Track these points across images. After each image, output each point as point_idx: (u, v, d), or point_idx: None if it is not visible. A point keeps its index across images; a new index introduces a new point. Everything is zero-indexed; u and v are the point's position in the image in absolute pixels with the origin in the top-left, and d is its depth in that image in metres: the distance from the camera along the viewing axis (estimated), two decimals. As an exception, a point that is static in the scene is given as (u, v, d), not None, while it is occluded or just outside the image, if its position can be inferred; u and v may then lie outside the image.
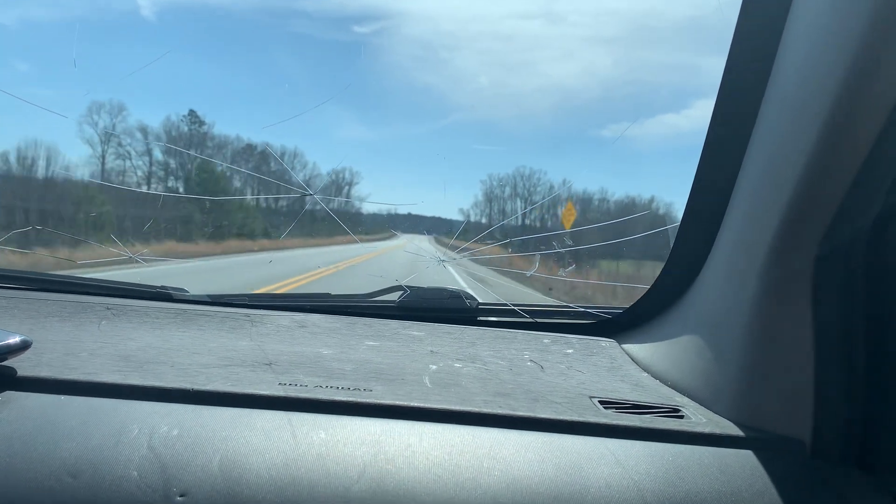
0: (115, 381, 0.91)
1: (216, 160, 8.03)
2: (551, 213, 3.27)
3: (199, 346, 1.13)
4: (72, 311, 1.29)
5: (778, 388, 0.96)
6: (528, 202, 3.42)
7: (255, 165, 5.95)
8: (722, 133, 1.11)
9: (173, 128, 8.03)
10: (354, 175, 4.01)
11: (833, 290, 0.93)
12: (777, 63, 0.96)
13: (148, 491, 0.73)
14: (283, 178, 2.42)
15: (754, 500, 0.82)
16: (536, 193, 5.17)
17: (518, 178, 4.10)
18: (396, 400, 0.92)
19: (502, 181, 3.96)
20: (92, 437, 0.79)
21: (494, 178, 3.97)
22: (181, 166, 8.88)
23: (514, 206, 4.31)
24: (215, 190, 7.62)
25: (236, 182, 7.61)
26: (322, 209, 1.66)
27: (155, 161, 10.05)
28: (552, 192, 4.38)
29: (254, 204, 4.70)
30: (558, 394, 1.04)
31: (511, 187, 4.09)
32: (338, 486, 0.76)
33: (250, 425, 0.83)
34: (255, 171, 5.96)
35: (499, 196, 4.00)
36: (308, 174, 6.80)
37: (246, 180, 6.93)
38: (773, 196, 0.92)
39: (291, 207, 3.78)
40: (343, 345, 1.25)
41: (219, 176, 7.74)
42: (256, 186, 6.54)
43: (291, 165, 3.68)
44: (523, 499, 0.78)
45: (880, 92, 0.77)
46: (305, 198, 1.62)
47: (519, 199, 4.31)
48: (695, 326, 1.16)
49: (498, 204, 3.82)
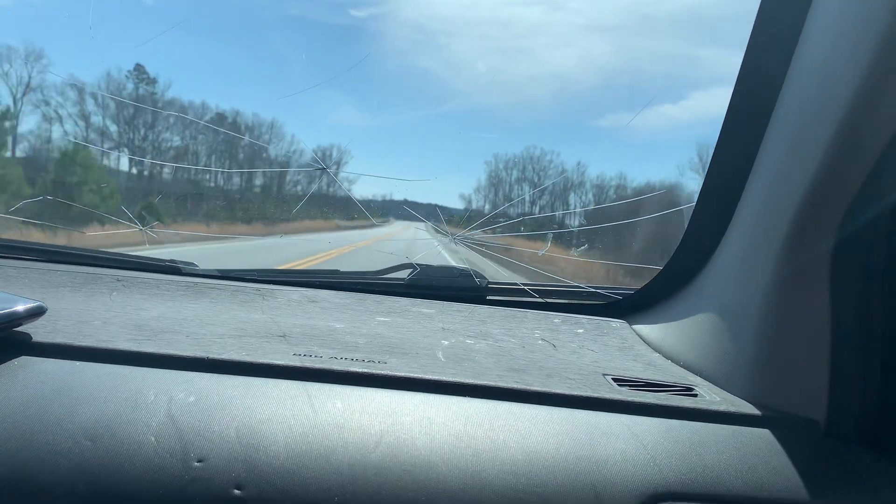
0: (130, 349, 0.90)
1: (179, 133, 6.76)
2: (562, 200, 3.14)
3: (212, 318, 1.13)
4: (82, 282, 1.29)
5: (793, 370, 0.96)
6: (538, 187, 3.22)
7: (225, 138, 5.28)
8: (742, 114, 1.11)
9: (115, 86, 6.23)
10: (344, 153, 3.77)
11: (851, 274, 0.92)
12: (799, 47, 0.95)
13: (166, 456, 0.73)
14: (259, 154, 2.30)
15: (770, 477, 0.82)
16: (547, 177, 4.83)
17: (527, 161, 3.86)
18: (411, 372, 0.92)
19: (509, 163, 3.73)
20: (109, 402, 0.79)
21: (501, 160, 3.75)
22: (130, 131, 7.14)
23: (522, 191, 4.01)
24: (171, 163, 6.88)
25: (202, 157, 6.63)
26: (301, 191, 1.61)
27: (95, 126, 7.61)
28: (564, 176, 4.10)
29: (212, 183, 4.32)
30: (572, 370, 1.04)
31: (519, 170, 3.84)
32: (355, 455, 0.76)
33: (266, 394, 0.83)
34: (227, 149, 5.35)
35: (505, 180, 3.75)
36: (286, 150, 6.05)
37: (213, 153, 6.16)
38: (793, 179, 0.92)
39: (265, 187, 3.49)
40: (354, 320, 1.25)
41: (179, 148, 6.71)
42: (224, 162, 5.87)
43: (268, 139, 3.50)
44: (540, 471, 0.78)
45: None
46: (284, 177, 1.60)
47: (527, 183, 4.06)
48: (708, 308, 1.15)
49: (503, 189, 3.60)
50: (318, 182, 1.66)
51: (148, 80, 2.35)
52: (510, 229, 1.68)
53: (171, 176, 4.16)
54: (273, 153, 3.19)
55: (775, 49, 0.99)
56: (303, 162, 1.69)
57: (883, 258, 0.92)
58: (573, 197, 3.62)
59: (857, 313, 0.93)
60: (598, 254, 1.64)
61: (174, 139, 6.67)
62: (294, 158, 2.89)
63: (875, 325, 0.94)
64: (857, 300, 0.93)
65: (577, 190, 3.70)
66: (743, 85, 1.09)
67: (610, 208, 1.69)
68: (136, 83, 6.19)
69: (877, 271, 0.93)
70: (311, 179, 1.66)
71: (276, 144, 5.44)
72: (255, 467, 0.74)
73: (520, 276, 1.68)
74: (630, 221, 1.51)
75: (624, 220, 1.58)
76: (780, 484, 0.82)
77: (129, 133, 7.00)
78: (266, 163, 2.45)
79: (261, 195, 3.38)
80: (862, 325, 0.94)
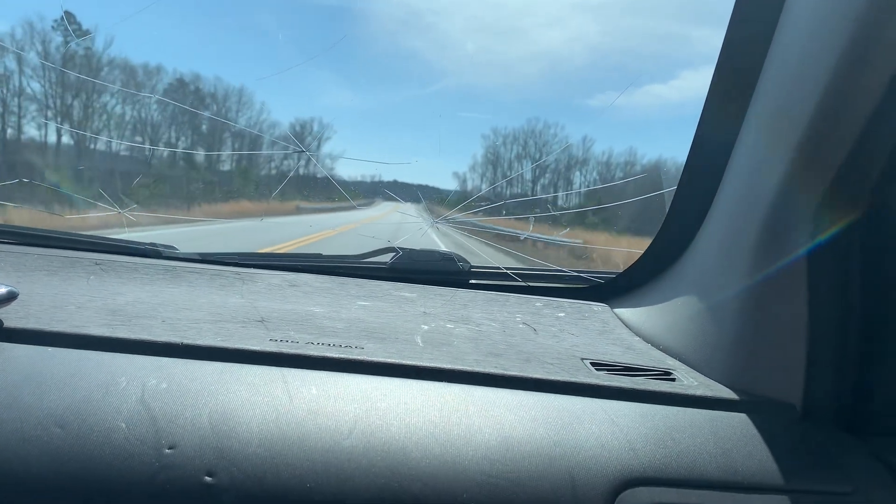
0: (103, 334, 0.89)
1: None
2: (564, 178, 2.97)
3: (189, 302, 1.12)
4: (59, 266, 1.28)
5: (771, 354, 0.96)
6: (540, 164, 2.99)
7: (190, 107, 4.74)
8: (721, 98, 1.10)
9: (39, 39, 5.18)
10: (325, 128, 3.30)
11: (829, 260, 0.92)
12: (778, 31, 0.95)
13: (136, 443, 0.73)
14: (228, 127, 2.15)
15: (745, 461, 0.82)
16: (550, 153, 4.54)
17: (528, 135, 3.57)
18: (388, 357, 0.91)
19: (507, 137, 3.49)
20: (80, 388, 0.78)
21: (500, 134, 3.50)
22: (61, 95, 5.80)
23: (522, 168, 3.74)
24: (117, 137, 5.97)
25: (162, 129, 5.81)
26: (275, 167, 1.55)
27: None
28: (568, 152, 3.82)
29: (169, 159, 3.95)
30: (550, 355, 1.04)
31: (521, 145, 3.56)
32: (329, 441, 0.76)
33: (241, 380, 0.83)
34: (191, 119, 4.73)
35: (503, 157, 3.47)
36: (255, 120, 5.29)
37: (173, 126, 5.47)
38: (773, 164, 0.92)
39: (237, 165, 3.25)
40: (335, 304, 1.24)
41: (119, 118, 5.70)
42: (186, 135, 5.25)
43: (237, 108, 3.27)
44: (515, 456, 0.78)
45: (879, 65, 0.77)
46: (256, 153, 1.56)
47: (530, 160, 3.79)
48: (688, 291, 1.15)
49: (502, 167, 3.36)
50: (291, 159, 1.60)
51: (79, 31, 1.97)
52: (496, 212, 1.67)
53: (129, 154, 3.82)
54: (243, 124, 3.01)
55: (754, 33, 0.99)
56: (278, 135, 1.62)
57: (860, 244, 0.92)
58: (577, 175, 3.48)
59: (834, 298, 0.93)
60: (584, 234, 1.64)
61: (119, 108, 5.81)
62: (266, 131, 2.73)
63: (853, 310, 0.94)
64: (835, 285, 0.93)
65: (582, 167, 3.55)
66: (724, 66, 1.08)
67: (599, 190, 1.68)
68: (66, 36, 5.07)
69: (854, 257, 0.93)
70: (286, 156, 1.61)
71: (245, 114, 4.91)
72: (226, 454, 0.73)
73: (512, 259, 1.68)
74: (613, 205, 1.51)
75: (610, 202, 1.58)
76: (755, 468, 0.82)
77: (58, 98, 6.04)
78: (238, 138, 2.36)
79: (238, 177, 3.24)
80: (839, 309, 0.94)
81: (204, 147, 3.48)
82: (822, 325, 0.93)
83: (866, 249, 0.93)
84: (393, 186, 1.89)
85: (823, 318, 0.93)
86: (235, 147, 3.26)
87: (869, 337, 0.94)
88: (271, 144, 1.54)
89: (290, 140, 1.50)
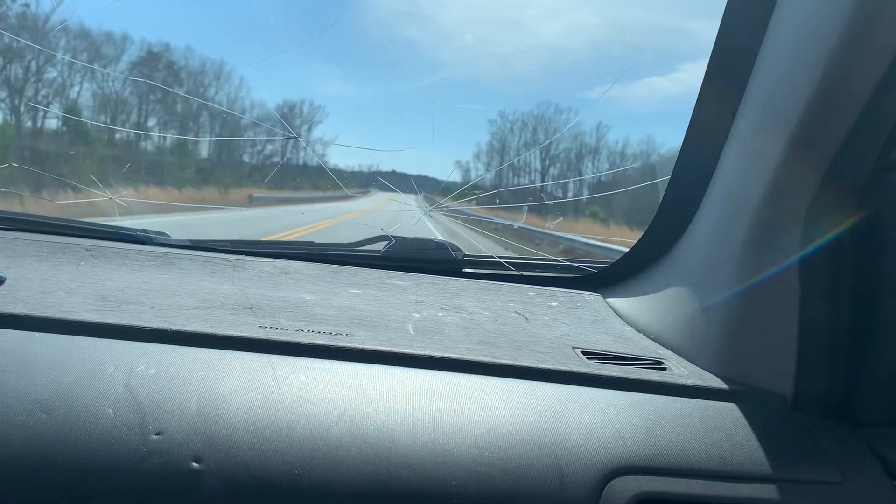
0: (91, 320, 0.89)
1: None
2: (574, 168, 2.84)
3: (179, 289, 1.11)
4: (50, 252, 1.27)
5: (761, 343, 0.96)
6: (548, 153, 2.79)
7: (161, 80, 4.20)
8: (714, 90, 1.10)
9: None
10: (316, 111, 2.97)
11: (820, 249, 0.92)
12: (771, 25, 0.94)
13: (123, 428, 0.72)
14: (206, 106, 2.04)
15: (735, 451, 0.82)
16: (561, 141, 4.20)
17: (538, 122, 3.33)
18: (378, 345, 0.91)
19: (514, 123, 3.30)
20: (66, 373, 0.77)
21: (507, 119, 3.30)
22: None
23: (529, 157, 3.45)
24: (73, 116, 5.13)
25: (131, 105, 5.09)
26: (259, 151, 1.50)
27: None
28: (579, 140, 3.56)
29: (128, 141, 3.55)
30: (542, 344, 1.03)
31: (531, 132, 3.33)
32: (317, 428, 0.76)
33: (229, 367, 0.82)
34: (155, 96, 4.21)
35: (510, 143, 3.25)
36: (233, 98, 4.84)
37: (142, 103, 4.86)
38: (764, 157, 0.92)
39: (221, 148, 3.01)
40: (326, 292, 1.24)
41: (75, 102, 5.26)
42: (157, 114, 4.79)
43: (216, 87, 3.11)
44: (505, 444, 0.78)
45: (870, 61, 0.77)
46: (237, 134, 1.52)
47: (540, 148, 3.60)
48: (680, 281, 1.15)
49: (508, 154, 3.17)
50: (273, 143, 1.56)
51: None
52: (491, 201, 1.67)
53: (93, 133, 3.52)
54: (223, 104, 2.84)
55: (747, 28, 0.98)
56: (261, 116, 1.58)
57: (851, 235, 0.92)
58: (589, 164, 3.35)
59: (825, 288, 0.93)
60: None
61: (66, 79, 5.10)
62: (248, 112, 2.61)
63: (843, 300, 0.94)
64: (826, 275, 0.93)
65: (595, 156, 3.42)
66: (717, 59, 1.08)
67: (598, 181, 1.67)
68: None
69: (846, 247, 0.93)
70: (268, 141, 1.56)
71: (225, 91, 4.47)
72: (214, 440, 0.73)
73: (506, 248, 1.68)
74: (605, 195, 1.50)
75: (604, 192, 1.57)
76: (744, 457, 0.82)
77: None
78: (217, 120, 2.30)
79: (227, 162, 3.14)
80: (830, 299, 0.94)
81: (177, 129, 3.31)
82: (813, 316, 0.93)
83: (858, 239, 0.93)
84: (391, 176, 1.88)
85: (814, 309, 0.93)
86: (216, 131, 3.13)
87: (859, 327, 0.94)
88: (253, 127, 1.49)
89: (276, 122, 1.48)
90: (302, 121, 2.68)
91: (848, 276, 0.94)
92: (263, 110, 1.64)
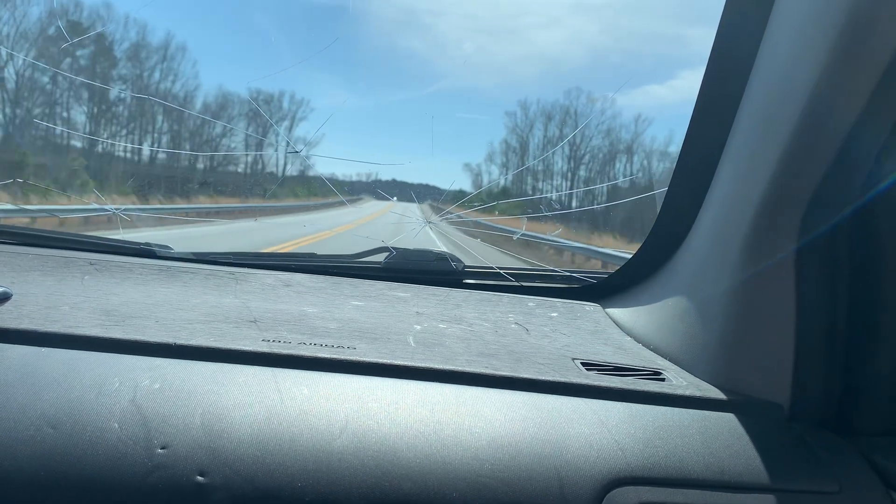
0: (96, 335, 0.90)
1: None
2: (604, 172, 2.37)
3: (182, 302, 1.12)
4: (54, 266, 1.28)
5: (758, 353, 0.97)
6: (576, 153, 2.37)
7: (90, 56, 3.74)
8: (711, 99, 1.11)
9: None
10: (299, 105, 2.65)
11: (817, 261, 0.93)
12: (767, 33, 0.95)
13: (129, 443, 0.73)
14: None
15: (733, 461, 0.83)
16: (594, 138, 3.48)
17: (566, 114, 2.66)
18: (380, 358, 0.92)
19: (533, 116, 2.71)
20: (72, 388, 0.78)
21: (530, 106, 2.67)
22: None
23: (554, 158, 2.94)
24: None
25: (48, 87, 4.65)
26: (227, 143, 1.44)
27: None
28: (614, 135, 2.96)
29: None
30: (541, 355, 1.04)
31: (557, 125, 2.75)
32: (320, 441, 0.77)
33: (233, 380, 0.83)
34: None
35: (526, 143, 2.71)
36: (192, 84, 4.30)
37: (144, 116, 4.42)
38: (762, 167, 0.92)
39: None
40: (328, 304, 1.25)
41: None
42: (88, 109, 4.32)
43: (160, 69, 2.79)
44: (505, 456, 0.79)
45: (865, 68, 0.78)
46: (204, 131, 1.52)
47: (566, 144, 3.04)
48: (678, 292, 1.16)
49: (528, 153, 2.67)
50: (239, 132, 1.51)
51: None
52: (490, 211, 1.68)
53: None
54: (177, 91, 2.50)
55: (744, 35, 0.99)
56: (216, 104, 1.53)
57: (848, 246, 0.93)
58: (621, 165, 2.98)
59: (822, 300, 0.94)
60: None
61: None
62: (211, 102, 2.43)
63: (840, 311, 0.95)
64: (823, 287, 0.94)
65: (630, 156, 3.03)
66: (714, 67, 1.09)
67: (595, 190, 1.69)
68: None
69: (842, 259, 0.94)
70: (246, 145, 1.53)
71: (181, 81, 4.13)
72: (218, 454, 0.74)
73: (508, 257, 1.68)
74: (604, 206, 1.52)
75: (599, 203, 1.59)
76: (742, 467, 0.83)
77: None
78: (168, 116, 2.19)
79: (224, 175, 3.06)
80: (827, 310, 0.95)
81: (168, 142, 3.10)
82: (810, 326, 0.94)
83: (854, 252, 0.94)
84: (390, 185, 1.89)
85: (811, 320, 0.94)
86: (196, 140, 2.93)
87: (856, 338, 0.95)
88: (206, 116, 1.44)
89: (250, 116, 1.45)
90: (281, 116, 2.48)
91: (844, 287, 0.95)
92: (233, 104, 1.52)
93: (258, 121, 1.42)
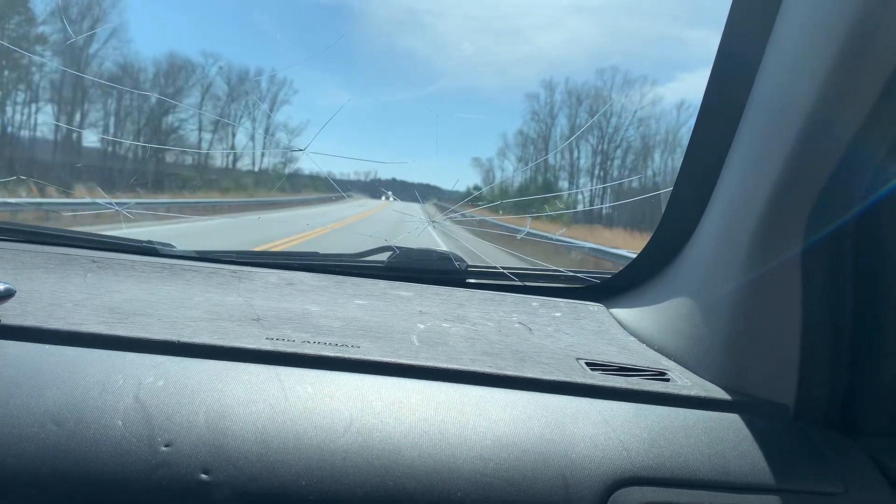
0: (100, 332, 0.90)
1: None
2: (638, 161, 2.37)
3: (185, 300, 1.12)
4: (57, 263, 1.28)
5: (764, 354, 0.96)
6: (609, 142, 2.36)
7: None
8: (717, 100, 1.11)
9: None
10: (284, 85, 2.55)
11: (823, 262, 0.93)
12: (774, 33, 0.95)
13: (132, 440, 0.73)
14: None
15: (738, 462, 0.83)
16: (630, 126, 3.47)
17: (594, 98, 2.62)
18: (384, 356, 0.92)
19: (550, 106, 2.70)
20: (76, 386, 0.78)
21: (555, 86, 2.67)
22: None
23: (583, 149, 2.88)
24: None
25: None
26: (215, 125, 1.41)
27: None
28: (653, 123, 3.05)
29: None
30: (545, 355, 1.04)
31: (587, 111, 2.76)
32: (324, 439, 0.76)
33: (236, 378, 0.83)
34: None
35: (545, 133, 2.70)
36: (166, 64, 4.12)
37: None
38: (767, 167, 0.92)
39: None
40: (331, 303, 1.24)
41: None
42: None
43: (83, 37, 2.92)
44: (509, 455, 0.78)
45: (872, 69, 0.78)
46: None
47: (596, 131, 2.99)
48: (683, 292, 1.16)
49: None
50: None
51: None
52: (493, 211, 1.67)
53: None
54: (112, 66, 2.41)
55: (750, 36, 0.99)
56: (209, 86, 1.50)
57: (853, 246, 0.93)
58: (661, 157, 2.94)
59: (827, 300, 0.94)
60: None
61: None
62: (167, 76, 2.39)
63: (845, 312, 0.95)
64: (828, 287, 0.94)
65: (673, 149, 2.98)
66: (720, 68, 1.09)
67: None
68: None
69: (847, 260, 0.94)
70: (220, 124, 1.52)
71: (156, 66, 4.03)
72: (222, 452, 0.74)
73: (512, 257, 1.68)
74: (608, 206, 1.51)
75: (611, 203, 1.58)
76: (747, 468, 0.83)
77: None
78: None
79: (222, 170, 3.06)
80: (832, 311, 0.94)
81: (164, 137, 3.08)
82: (815, 327, 0.94)
83: (859, 252, 0.94)
84: (390, 185, 1.88)
85: (816, 320, 0.93)
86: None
87: (861, 338, 0.94)
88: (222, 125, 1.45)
89: (217, 99, 1.44)
90: (259, 97, 2.46)
91: (849, 288, 0.95)
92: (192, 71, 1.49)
93: (254, 113, 1.41)
